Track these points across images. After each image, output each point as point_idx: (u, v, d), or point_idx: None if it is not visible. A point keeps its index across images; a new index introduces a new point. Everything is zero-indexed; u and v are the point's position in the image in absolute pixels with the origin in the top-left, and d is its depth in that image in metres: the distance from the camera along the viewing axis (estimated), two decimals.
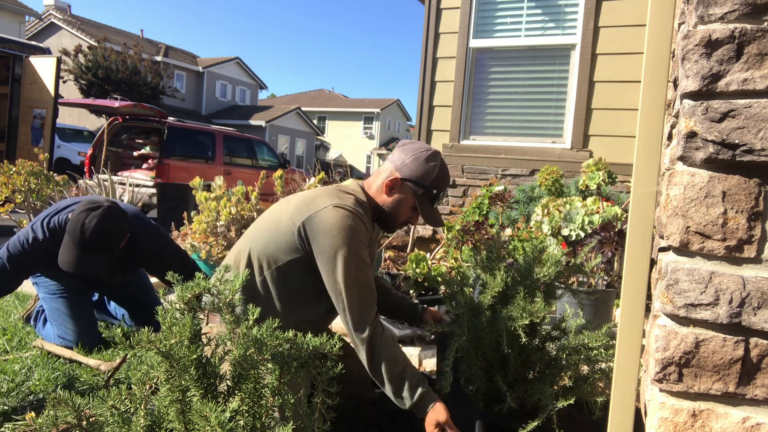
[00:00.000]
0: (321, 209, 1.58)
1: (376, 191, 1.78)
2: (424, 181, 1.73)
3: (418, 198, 1.74)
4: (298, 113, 34.18)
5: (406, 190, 1.75)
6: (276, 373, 1.04)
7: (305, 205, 1.62)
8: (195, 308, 1.04)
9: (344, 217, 1.57)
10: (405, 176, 1.74)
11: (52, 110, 6.63)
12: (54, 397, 0.98)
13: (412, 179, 1.73)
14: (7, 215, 4.10)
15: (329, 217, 1.57)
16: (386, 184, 1.74)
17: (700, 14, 0.86)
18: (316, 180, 4.51)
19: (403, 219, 1.80)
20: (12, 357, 2.26)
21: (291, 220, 1.62)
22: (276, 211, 1.73)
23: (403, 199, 1.76)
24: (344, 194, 1.68)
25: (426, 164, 1.73)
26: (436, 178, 1.73)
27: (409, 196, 1.75)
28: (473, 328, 1.77)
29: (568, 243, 3.02)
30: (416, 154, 1.74)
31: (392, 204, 1.76)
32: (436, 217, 1.80)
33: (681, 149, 0.89)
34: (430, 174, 1.73)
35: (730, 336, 0.87)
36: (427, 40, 5.09)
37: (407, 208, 1.77)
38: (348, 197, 1.66)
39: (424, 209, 1.76)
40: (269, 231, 1.66)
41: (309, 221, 1.58)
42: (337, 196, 1.65)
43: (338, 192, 1.69)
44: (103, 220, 2.15)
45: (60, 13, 26.79)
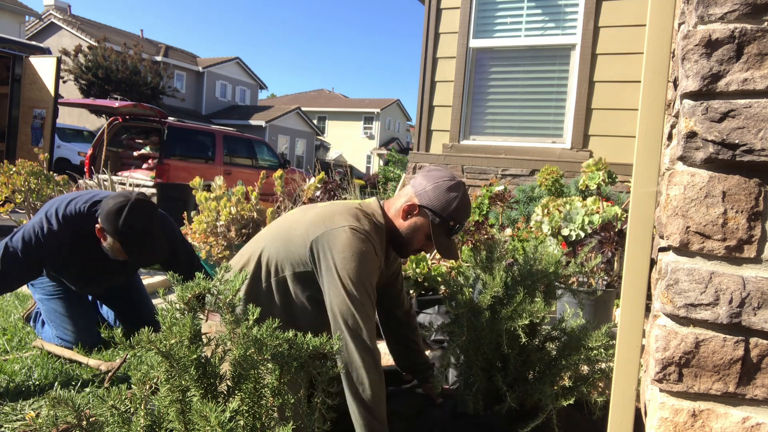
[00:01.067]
0: (337, 228, 1.56)
1: (395, 214, 1.74)
2: (443, 211, 1.68)
3: (433, 227, 1.69)
4: (298, 113, 34.18)
5: (422, 217, 1.70)
6: (276, 373, 1.04)
7: (322, 221, 1.59)
8: (195, 308, 1.04)
9: (359, 241, 1.54)
10: (423, 203, 1.70)
11: (52, 110, 6.63)
12: (54, 397, 0.98)
13: (430, 207, 1.69)
14: (7, 215, 4.10)
15: (344, 238, 1.54)
16: (404, 209, 1.71)
17: (700, 14, 0.86)
18: (316, 180, 4.51)
19: (417, 246, 1.75)
20: (12, 357, 2.26)
21: (306, 233, 1.59)
22: (292, 220, 1.70)
23: (419, 227, 1.71)
24: (363, 215, 1.65)
25: (447, 194, 1.68)
26: (455, 210, 1.68)
27: (424, 224, 1.70)
28: (473, 329, 1.77)
29: (568, 243, 3.02)
30: (438, 183, 1.70)
31: (407, 230, 1.72)
32: (451, 249, 1.75)
33: (681, 149, 0.89)
34: (450, 205, 1.68)
35: (730, 336, 0.87)
36: (427, 40, 5.09)
37: (422, 235, 1.72)
38: (365, 220, 1.64)
39: (439, 240, 1.70)
40: (282, 239, 1.64)
41: (322, 237, 1.55)
42: (355, 216, 1.62)
43: (358, 212, 1.66)
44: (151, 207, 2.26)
45: (60, 13, 26.79)
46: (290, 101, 41.75)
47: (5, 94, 6.70)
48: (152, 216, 2.25)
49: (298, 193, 4.56)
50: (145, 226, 2.20)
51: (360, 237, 1.55)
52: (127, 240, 2.16)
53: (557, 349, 1.78)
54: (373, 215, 1.69)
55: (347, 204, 1.70)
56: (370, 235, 1.59)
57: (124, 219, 2.13)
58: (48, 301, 2.46)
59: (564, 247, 2.98)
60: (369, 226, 1.62)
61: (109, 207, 2.15)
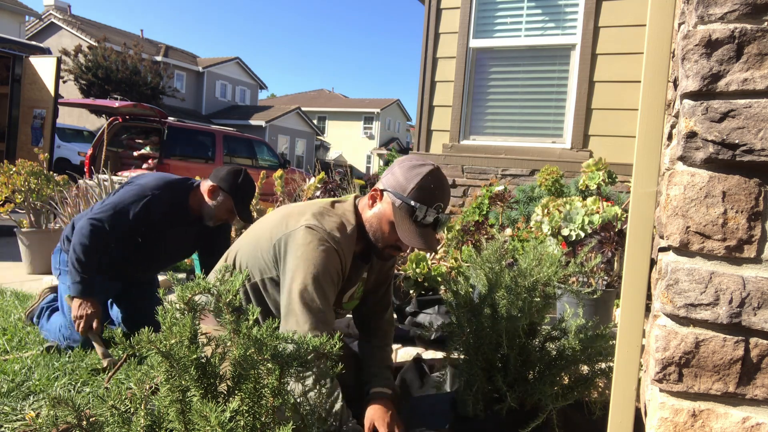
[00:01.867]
0: (295, 228, 1.48)
1: (363, 207, 1.60)
2: (403, 191, 1.49)
3: (395, 211, 1.50)
4: (298, 113, 34.19)
5: (385, 203, 1.54)
6: (276, 374, 1.04)
7: (285, 222, 1.53)
8: (195, 308, 1.04)
9: (314, 239, 1.44)
10: (385, 186, 1.54)
11: (52, 110, 6.63)
12: (54, 397, 0.98)
13: (390, 189, 1.51)
14: (7, 215, 4.10)
15: (299, 237, 1.46)
16: (369, 197, 1.58)
17: (700, 14, 0.86)
18: (316, 180, 4.51)
19: (387, 240, 1.56)
20: (12, 357, 2.26)
21: (270, 237, 1.53)
22: (263, 223, 1.64)
23: (381, 214, 1.54)
24: (329, 214, 1.54)
25: (408, 172, 1.50)
26: (417, 188, 1.48)
27: (387, 210, 1.53)
28: (473, 329, 1.77)
29: (568, 243, 3.02)
30: (403, 164, 1.54)
31: (372, 219, 1.57)
32: (418, 236, 1.50)
33: (681, 149, 0.89)
34: (410, 182, 1.48)
35: (730, 336, 0.87)
36: (427, 40, 5.09)
37: (385, 224, 1.54)
38: (331, 218, 1.53)
39: (402, 225, 1.49)
40: (252, 244, 1.60)
41: (282, 239, 1.49)
42: (319, 214, 1.52)
43: (325, 209, 1.55)
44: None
45: (60, 13, 26.80)
46: (290, 101, 41.76)
47: (5, 94, 6.70)
48: (255, 188, 2.61)
49: (298, 193, 4.56)
50: (252, 190, 2.54)
51: (316, 235, 1.45)
52: (241, 197, 2.46)
53: (557, 349, 1.78)
54: (343, 214, 1.57)
55: (319, 202, 1.60)
56: (331, 233, 1.48)
57: (243, 179, 2.47)
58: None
59: (564, 247, 2.98)
60: (332, 224, 1.50)
61: (226, 170, 2.49)
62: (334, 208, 1.58)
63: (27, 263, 4.07)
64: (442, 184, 1.53)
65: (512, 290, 1.75)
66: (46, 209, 4.13)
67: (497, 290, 1.75)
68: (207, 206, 2.48)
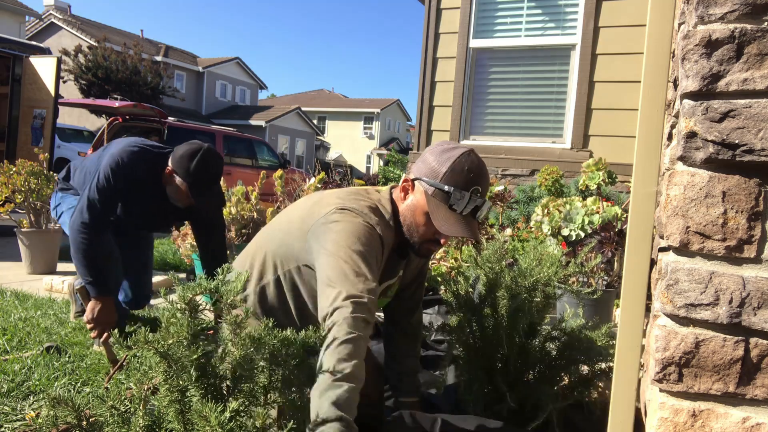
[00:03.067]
0: (328, 211, 1.37)
1: (397, 199, 1.48)
2: (435, 176, 1.37)
3: (428, 199, 1.38)
4: (298, 113, 34.19)
5: (417, 193, 1.41)
6: (279, 374, 1.05)
7: (318, 208, 1.42)
8: (195, 308, 1.04)
9: (351, 218, 1.33)
10: (417, 174, 1.42)
11: (52, 110, 6.62)
12: (54, 397, 0.98)
13: (422, 176, 1.39)
14: (7, 215, 4.10)
15: (334, 217, 1.34)
16: (401, 188, 1.45)
17: (700, 14, 0.86)
18: (316, 180, 4.51)
19: (423, 234, 1.42)
20: (12, 357, 2.26)
21: (301, 223, 1.42)
22: (293, 210, 1.54)
23: (415, 206, 1.42)
24: (364, 198, 1.43)
25: (440, 156, 1.38)
26: (450, 171, 1.35)
27: (421, 200, 1.40)
28: (473, 329, 1.78)
29: (568, 243, 3.02)
30: (435, 148, 1.42)
31: (406, 212, 1.44)
32: (456, 224, 1.36)
33: (681, 149, 0.89)
34: (443, 165, 1.36)
35: (730, 336, 0.87)
36: (427, 40, 5.09)
37: (420, 214, 1.41)
38: (366, 203, 1.41)
39: (437, 213, 1.36)
40: (283, 231, 1.50)
41: (315, 225, 1.37)
42: (353, 199, 1.41)
43: (360, 194, 1.45)
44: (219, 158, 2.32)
45: (60, 13, 26.80)
46: (290, 101, 41.77)
47: (5, 94, 6.70)
48: (220, 166, 2.32)
49: (298, 193, 4.56)
50: (212, 174, 2.28)
51: (352, 213, 1.34)
52: (195, 184, 2.22)
53: (557, 349, 1.78)
54: (378, 200, 1.45)
55: (352, 188, 1.51)
56: (367, 214, 1.37)
57: (196, 163, 2.20)
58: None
59: (564, 247, 2.98)
60: (367, 208, 1.39)
61: (182, 151, 2.23)
62: (368, 194, 1.47)
63: (27, 263, 4.07)
64: (479, 167, 1.39)
65: (512, 290, 1.75)
66: (46, 209, 4.13)
67: (497, 290, 1.75)
68: (168, 188, 2.32)
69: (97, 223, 2.22)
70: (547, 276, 1.78)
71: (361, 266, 1.24)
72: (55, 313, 2.92)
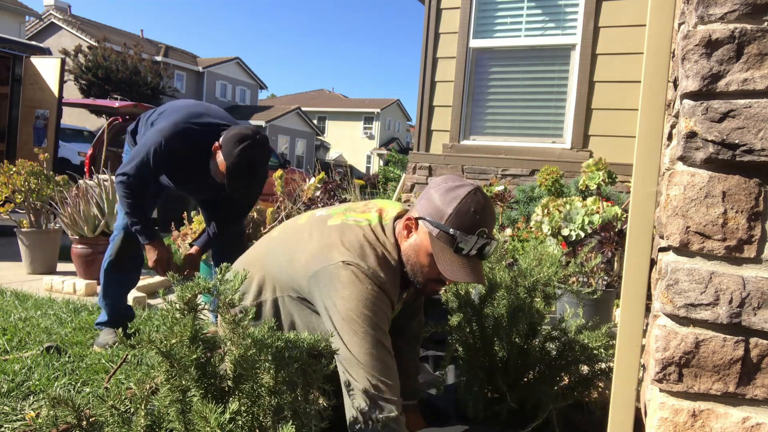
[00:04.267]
0: (332, 264, 1.33)
1: (399, 235, 1.42)
2: (440, 218, 1.32)
3: (433, 241, 1.33)
4: (298, 113, 34.20)
5: (421, 233, 1.36)
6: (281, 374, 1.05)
7: (322, 253, 1.37)
8: (195, 308, 1.04)
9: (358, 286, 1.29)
10: (420, 214, 1.36)
11: (56, 111, 6.62)
12: (54, 397, 0.98)
13: (426, 216, 1.34)
14: (7, 215, 4.10)
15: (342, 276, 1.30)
16: (404, 226, 1.39)
17: (700, 14, 0.86)
18: (316, 180, 4.51)
19: (427, 274, 1.39)
20: (12, 357, 2.26)
21: (306, 264, 1.38)
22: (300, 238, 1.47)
23: (419, 246, 1.37)
24: (371, 246, 1.37)
25: (445, 196, 1.33)
26: (456, 214, 1.30)
27: (425, 241, 1.35)
28: (473, 329, 1.78)
29: (568, 243, 3.02)
30: (438, 186, 1.36)
31: (409, 252, 1.39)
32: (461, 268, 1.33)
33: (681, 149, 0.89)
34: (448, 207, 1.31)
35: (730, 336, 0.87)
36: (427, 40, 5.09)
37: (424, 256, 1.36)
38: (372, 251, 1.35)
39: (442, 257, 1.32)
40: (286, 256, 1.46)
41: (319, 274, 1.34)
42: (360, 247, 1.35)
43: (365, 241, 1.37)
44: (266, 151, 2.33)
45: (60, 13, 26.81)
46: (290, 101, 41.78)
47: (5, 94, 6.69)
48: (262, 160, 2.31)
49: (298, 193, 4.56)
50: (251, 166, 2.24)
51: (360, 277, 1.30)
52: (232, 168, 2.20)
53: (557, 349, 1.78)
54: (384, 245, 1.40)
55: (357, 230, 1.41)
56: (375, 274, 1.32)
57: (241, 149, 2.18)
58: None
59: (564, 247, 2.98)
60: (375, 260, 1.34)
61: (235, 131, 2.23)
62: (375, 235, 1.41)
63: (27, 263, 4.07)
64: (485, 207, 1.35)
65: (512, 290, 1.75)
66: (46, 209, 4.13)
67: (497, 290, 1.76)
68: (211, 161, 2.32)
69: (136, 177, 2.26)
70: (547, 276, 1.78)
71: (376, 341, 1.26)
72: (55, 313, 2.92)
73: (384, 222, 1.44)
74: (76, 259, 3.68)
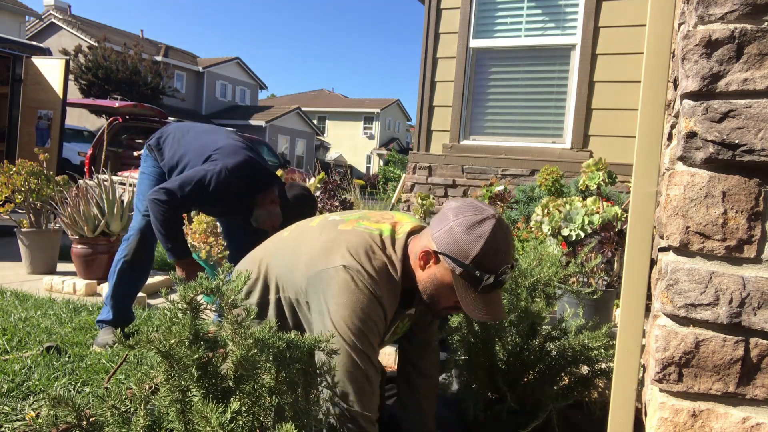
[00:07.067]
0: (332, 267, 1.32)
1: (414, 261, 1.38)
2: (464, 257, 1.27)
3: (455, 279, 1.30)
4: (298, 113, 34.19)
5: (441, 267, 1.33)
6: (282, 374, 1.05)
7: (323, 255, 1.36)
8: (197, 308, 1.04)
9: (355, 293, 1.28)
10: (440, 248, 1.31)
11: (60, 112, 6.62)
12: (54, 397, 0.98)
13: (447, 253, 1.30)
14: (7, 215, 4.10)
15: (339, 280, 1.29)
16: (420, 256, 1.35)
17: (700, 14, 0.86)
18: (316, 180, 4.50)
19: (446, 303, 1.38)
20: (12, 357, 2.26)
21: (308, 265, 1.38)
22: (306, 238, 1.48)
23: (439, 280, 1.34)
24: (375, 256, 1.35)
25: (468, 233, 1.27)
26: (481, 254, 1.26)
27: (445, 276, 1.33)
28: (474, 330, 1.78)
29: (568, 243, 3.02)
30: (458, 219, 1.30)
31: (426, 283, 1.36)
32: (485, 306, 1.31)
33: (681, 149, 0.89)
34: (473, 247, 1.26)
35: (730, 336, 0.87)
36: (427, 40, 5.09)
37: (445, 290, 1.34)
38: (375, 260, 1.33)
39: (465, 295, 1.30)
40: (290, 257, 1.46)
41: (316, 276, 1.33)
42: (364, 255, 1.33)
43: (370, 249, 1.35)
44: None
45: (60, 13, 26.80)
46: (290, 101, 41.77)
47: (5, 94, 6.69)
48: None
49: None
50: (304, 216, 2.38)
51: (359, 284, 1.29)
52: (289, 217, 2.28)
53: (557, 350, 1.78)
54: (389, 258, 1.37)
55: (365, 238, 1.39)
56: (375, 283, 1.30)
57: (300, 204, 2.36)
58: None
59: (564, 247, 2.98)
60: (376, 271, 1.32)
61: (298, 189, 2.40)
62: (383, 248, 1.38)
63: (27, 263, 4.07)
64: (507, 239, 1.31)
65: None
66: (46, 209, 4.13)
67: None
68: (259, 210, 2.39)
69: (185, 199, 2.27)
70: (547, 276, 1.78)
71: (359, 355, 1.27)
72: (55, 313, 2.92)
73: (396, 236, 1.41)
74: (76, 259, 3.68)
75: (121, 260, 2.53)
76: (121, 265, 2.52)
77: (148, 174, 2.60)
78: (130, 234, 2.54)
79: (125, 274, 2.53)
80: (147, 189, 2.54)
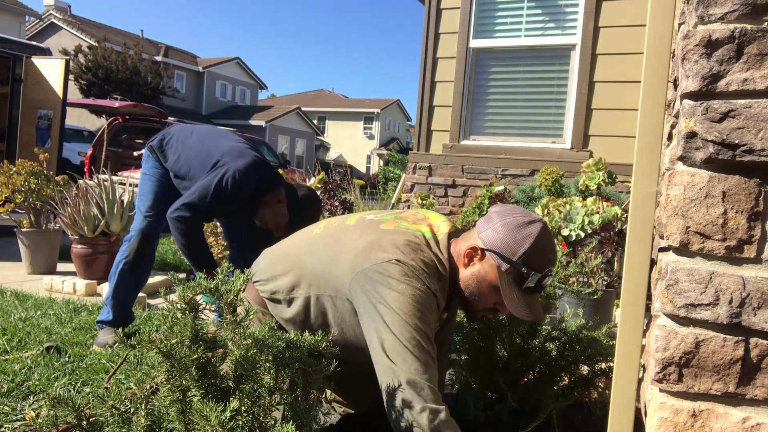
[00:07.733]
0: (383, 261, 1.32)
1: (457, 260, 1.41)
2: (511, 254, 1.32)
3: (501, 276, 1.34)
4: (298, 113, 34.20)
5: (487, 263, 1.36)
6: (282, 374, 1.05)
7: (373, 251, 1.35)
8: (196, 308, 1.04)
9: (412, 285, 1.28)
10: (487, 245, 1.35)
11: (60, 112, 6.62)
12: (54, 397, 0.98)
13: (495, 249, 1.33)
14: (7, 215, 4.10)
15: (392, 272, 1.29)
16: (465, 254, 1.38)
17: (700, 14, 0.86)
18: (316, 180, 4.51)
19: (485, 304, 1.40)
20: (12, 357, 2.26)
21: (353, 260, 1.37)
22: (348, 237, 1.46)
23: (483, 276, 1.37)
24: (424, 252, 1.36)
25: (517, 232, 1.32)
26: (529, 252, 1.31)
27: (489, 273, 1.35)
28: (474, 329, 1.78)
29: (568, 243, 3.02)
30: (506, 219, 1.35)
31: (469, 280, 1.38)
32: (526, 306, 1.35)
33: (681, 149, 0.89)
34: (521, 245, 1.31)
35: (730, 336, 0.88)
36: (427, 40, 5.09)
37: (487, 287, 1.37)
38: (423, 256, 1.35)
39: (510, 293, 1.34)
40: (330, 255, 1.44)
41: (369, 271, 1.32)
42: (412, 250, 1.34)
43: (420, 245, 1.37)
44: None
45: (60, 13, 26.80)
46: (290, 101, 41.78)
47: (5, 94, 6.69)
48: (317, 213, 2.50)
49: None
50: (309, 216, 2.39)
51: (413, 277, 1.29)
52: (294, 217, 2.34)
53: (557, 349, 1.78)
54: (437, 256, 1.38)
55: (411, 237, 1.40)
56: (428, 278, 1.31)
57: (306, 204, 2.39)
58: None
59: (564, 247, 2.98)
60: (428, 267, 1.34)
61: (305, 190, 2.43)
62: (429, 246, 1.40)
63: (27, 263, 4.07)
64: (552, 243, 1.37)
65: None
66: (46, 209, 4.13)
67: None
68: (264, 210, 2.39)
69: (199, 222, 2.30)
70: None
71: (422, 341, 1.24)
72: (55, 313, 2.92)
73: (438, 237, 1.43)
74: (76, 259, 3.68)
75: (122, 261, 2.53)
76: (122, 266, 2.52)
77: (150, 175, 2.59)
78: (132, 235, 2.54)
79: (126, 274, 2.53)
80: (148, 189, 2.54)
